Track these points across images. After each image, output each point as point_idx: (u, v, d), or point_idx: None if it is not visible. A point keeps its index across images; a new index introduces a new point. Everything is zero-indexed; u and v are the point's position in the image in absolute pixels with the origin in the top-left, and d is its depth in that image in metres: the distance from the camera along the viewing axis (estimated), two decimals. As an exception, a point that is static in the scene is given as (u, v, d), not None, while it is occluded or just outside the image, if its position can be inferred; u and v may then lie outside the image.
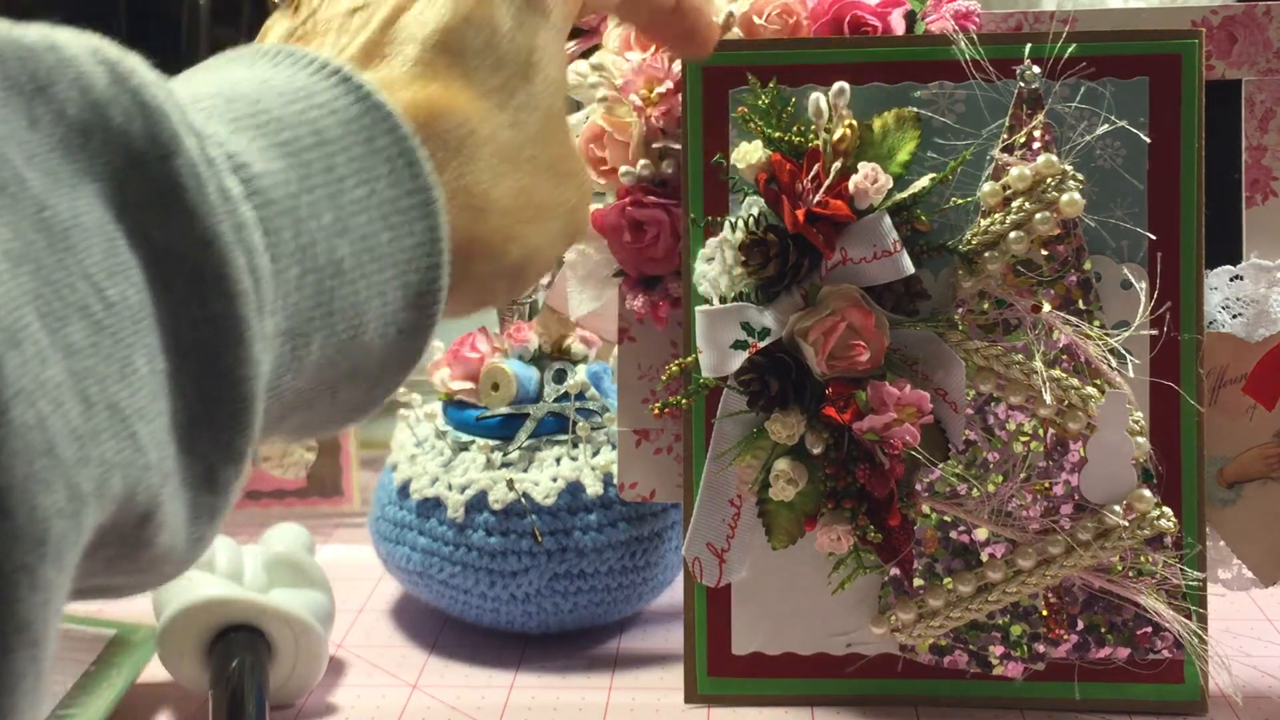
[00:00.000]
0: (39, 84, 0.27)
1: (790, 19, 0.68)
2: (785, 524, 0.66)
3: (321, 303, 0.32)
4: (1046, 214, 0.64)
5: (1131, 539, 0.65)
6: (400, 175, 0.34)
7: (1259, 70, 0.68)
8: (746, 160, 0.64)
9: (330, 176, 0.32)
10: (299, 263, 0.31)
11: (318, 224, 0.31)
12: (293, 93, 0.33)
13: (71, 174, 0.27)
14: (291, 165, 0.31)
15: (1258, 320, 0.68)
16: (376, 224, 0.33)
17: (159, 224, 0.28)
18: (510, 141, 0.38)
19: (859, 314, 0.63)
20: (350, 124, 0.33)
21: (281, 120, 0.32)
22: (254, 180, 0.30)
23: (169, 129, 0.28)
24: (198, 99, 0.31)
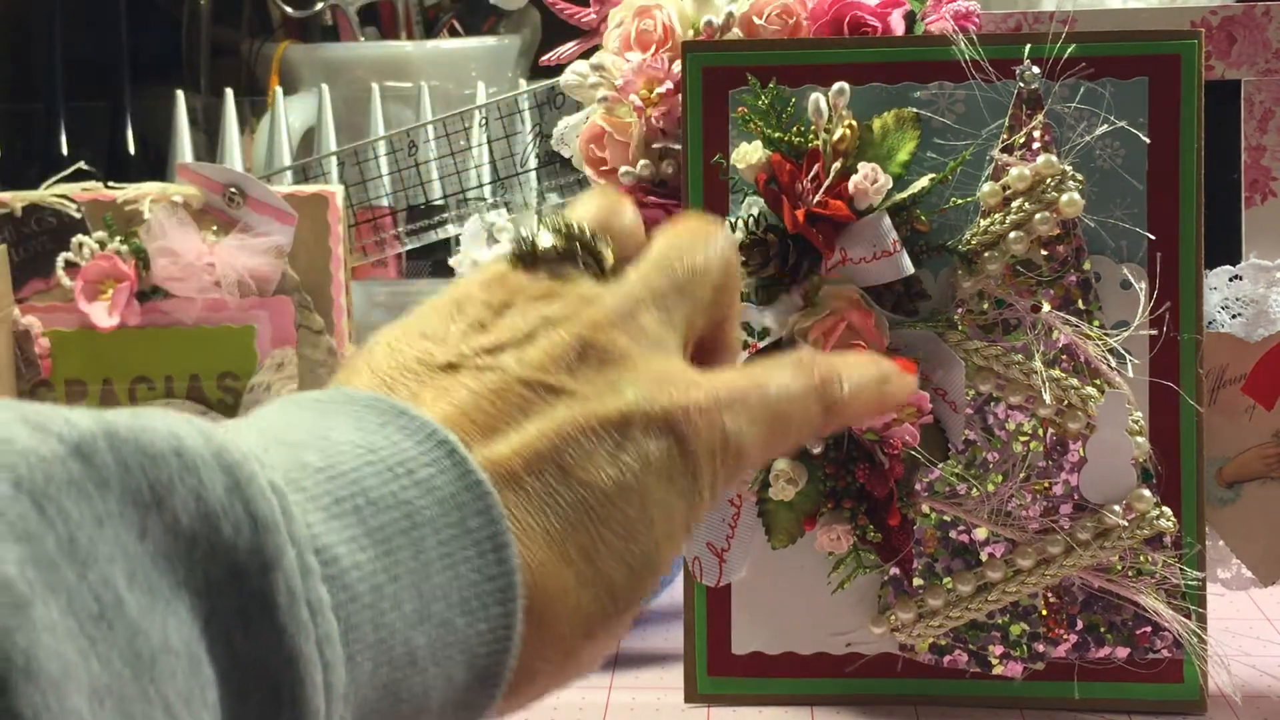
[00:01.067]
0: (158, 495, 0.28)
1: (790, 19, 0.68)
2: (785, 524, 0.66)
3: (391, 692, 0.32)
4: (1046, 214, 0.64)
5: (1131, 539, 0.65)
6: (487, 560, 0.34)
7: (1258, 70, 0.68)
8: (746, 160, 0.64)
9: (417, 563, 0.32)
10: (373, 658, 0.31)
11: (398, 614, 0.32)
12: (394, 467, 0.33)
13: (170, 587, 0.28)
14: (381, 554, 0.32)
15: (1257, 320, 0.68)
16: (455, 609, 0.33)
17: (246, 637, 0.29)
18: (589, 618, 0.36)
19: (859, 314, 0.63)
20: (446, 502, 0.33)
21: (378, 503, 0.32)
22: (342, 577, 0.31)
23: (273, 543, 0.29)
24: (302, 473, 0.32)
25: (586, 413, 0.37)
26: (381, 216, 0.98)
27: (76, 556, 0.26)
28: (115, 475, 0.27)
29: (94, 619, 0.26)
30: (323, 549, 0.30)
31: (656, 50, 0.69)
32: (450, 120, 0.96)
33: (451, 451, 0.34)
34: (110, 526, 0.27)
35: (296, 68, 1.18)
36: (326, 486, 0.32)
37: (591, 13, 0.74)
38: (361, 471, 0.32)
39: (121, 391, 0.85)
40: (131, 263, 0.83)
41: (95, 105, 1.18)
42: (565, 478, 0.36)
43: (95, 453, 0.27)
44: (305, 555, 0.30)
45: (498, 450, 0.36)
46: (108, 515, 0.27)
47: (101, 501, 0.27)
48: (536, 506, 0.36)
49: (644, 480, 0.37)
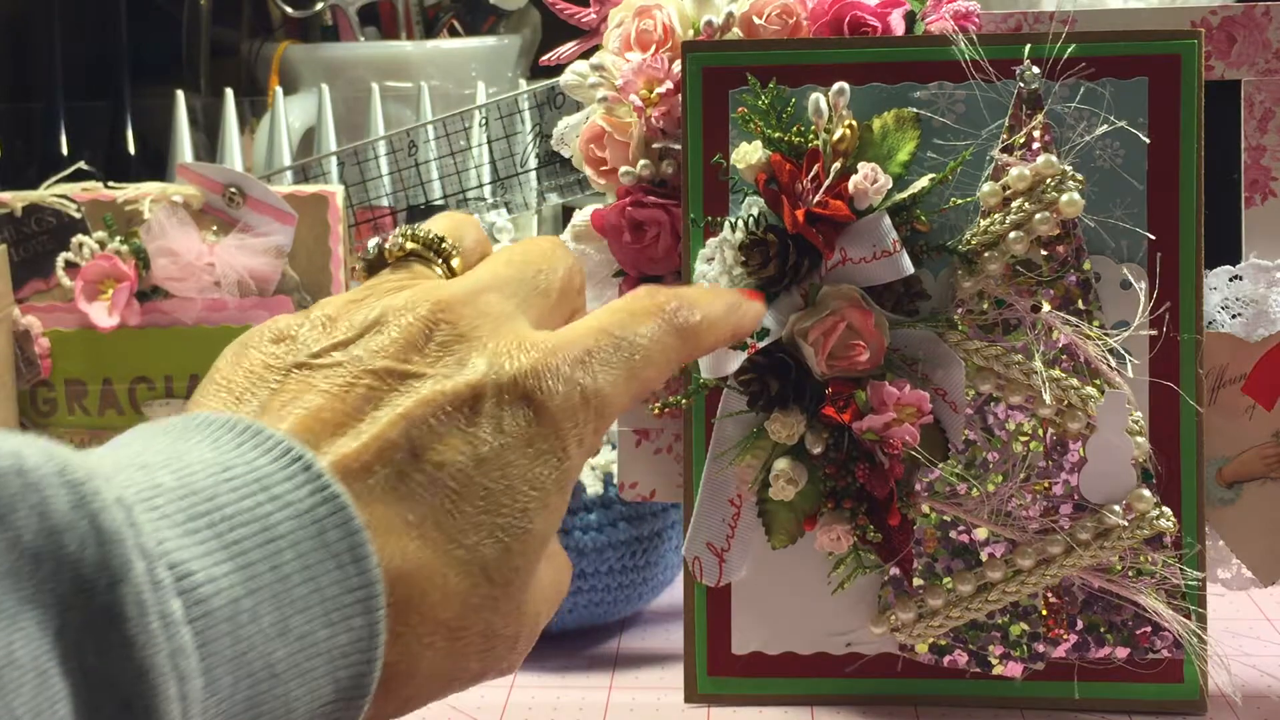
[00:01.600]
0: (1, 513, 0.28)
1: (790, 19, 0.68)
2: (785, 524, 0.66)
3: (252, 706, 0.32)
4: (1046, 214, 0.64)
5: (1131, 539, 0.65)
6: (347, 571, 0.34)
7: (1258, 71, 0.68)
8: (746, 160, 0.64)
9: (275, 575, 0.32)
10: (233, 671, 0.31)
11: (257, 628, 0.32)
12: (250, 484, 0.33)
13: (15, 603, 0.27)
14: (237, 568, 0.31)
15: (1257, 320, 0.68)
16: (316, 621, 0.33)
17: (96, 651, 0.28)
18: (464, 597, 0.37)
19: (859, 314, 0.63)
20: (303, 516, 0.33)
21: (234, 518, 0.32)
22: (197, 591, 0.30)
23: (120, 555, 0.29)
24: (156, 493, 0.31)
25: (435, 393, 0.37)
26: (381, 216, 0.98)
27: None
28: None
29: None
30: (176, 563, 0.30)
31: (656, 50, 0.69)
32: (450, 120, 0.96)
33: (307, 466, 0.34)
34: None
35: (296, 68, 1.18)
36: (180, 504, 0.32)
37: (591, 13, 0.74)
38: (218, 489, 0.32)
39: (121, 392, 0.85)
40: (131, 263, 0.83)
41: (95, 105, 1.18)
42: (418, 461, 0.36)
43: None
44: (156, 568, 0.29)
45: (349, 446, 0.36)
46: None
47: None
48: (393, 495, 0.36)
49: (501, 451, 0.37)
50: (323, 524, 0.33)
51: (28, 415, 0.86)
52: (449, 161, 0.97)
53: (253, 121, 1.14)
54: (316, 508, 0.34)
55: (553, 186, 0.96)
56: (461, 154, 0.97)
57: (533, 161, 0.95)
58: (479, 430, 0.37)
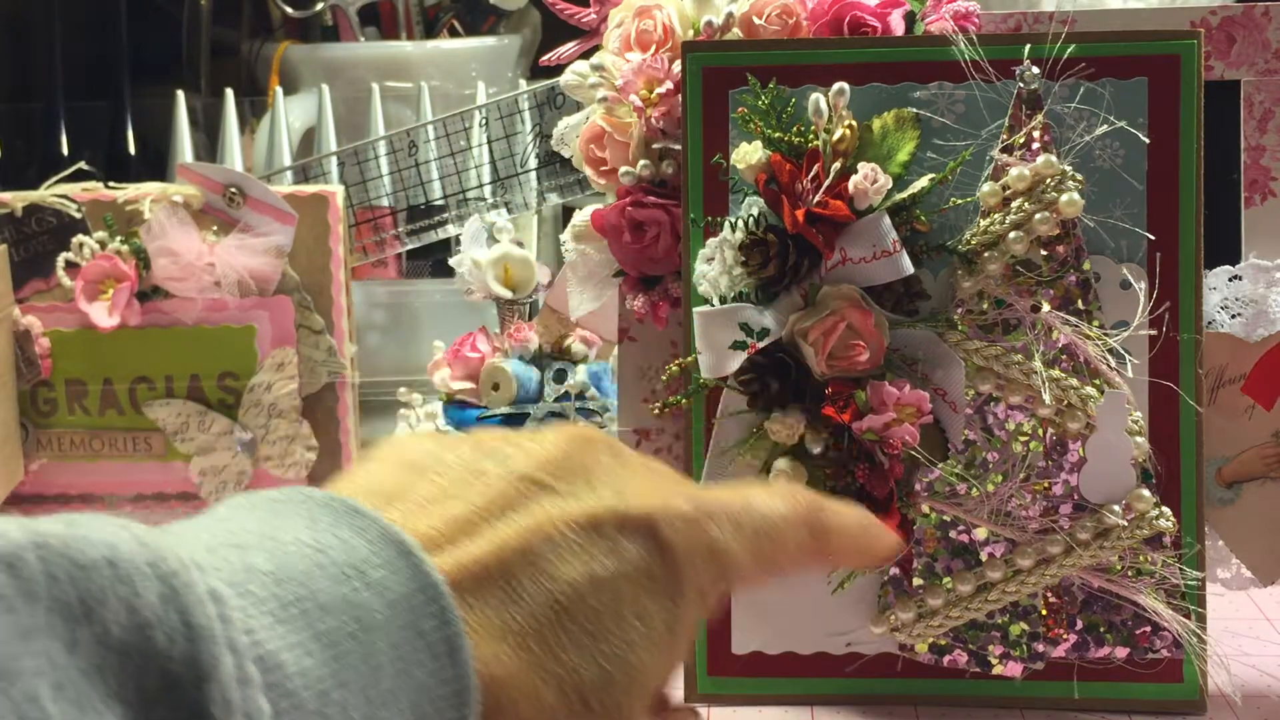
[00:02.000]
0: (88, 606, 0.27)
1: (790, 19, 0.68)
2: (785, 524, 0.66)
3: None
4: (1046, 214, 0.64)
5: (1130, 539, 0.65)
6: (441, 663, 0.33)
7: (1258, 71, 0.68)
8: (746, 160, 0.64)
9: (367, 667, 0.32)
10: None
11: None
12: (345, 568, 0.32)
13: (102, 699, 0.27)
14: (329, 659, 0.31)
15: (1256, 320, 0.68)
16: (406, 715, 0.32)
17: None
18: (554, 714, 0.36)
19: (859, 314, 0.63)
20: (398, 604, 0.33)
21: (327, 606, 0.32)
22: (286, 685, 0.30)
23: (209, 652, 0.28)
24: (249, 578, 0.31)
25: (563, 510, 0.37)
26: (381, 216, 0.98)
27: (1, 671, 0.26)
28: (43, 587, 0.27)
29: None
30: (266, 655, 0.30)
31: (656, 50, 0.69)
32: (450, 120, 0.97)
33: (406, 552, 0.33)
34: (37, 640, 0.26)
35: (296, 68, 1.18)
36: (273, 590, 0.31)
37: (591, 13, 0.74)
38: (311, 574, 0.32)
39: (121, 392, 0.85)
40: (132, 263, 0.83)
41: (95, 105, 1.18)
42: (534, 573, 0.36)
43: (23, 565, 0.27)
44: (244, 664, 0.29)
45: (468, 551, 0.35)
46: (34, 629, 0.26)
47: (28, 615, 0.26)
48: (500, 601, 0.35)
49: (615, 578, 0.37)
50: (418, 613, 0.33)
51: (28, 415, 0.86)
52: (449, 161, 0.97)
53: (253, 122, 1.15)
54: (413, 595, 0.33)
55: (553, 186, 0.96)
56: (461, 154, 0.97)
57: (533, 161, 0.95)
58: (598, 552, 0.37)
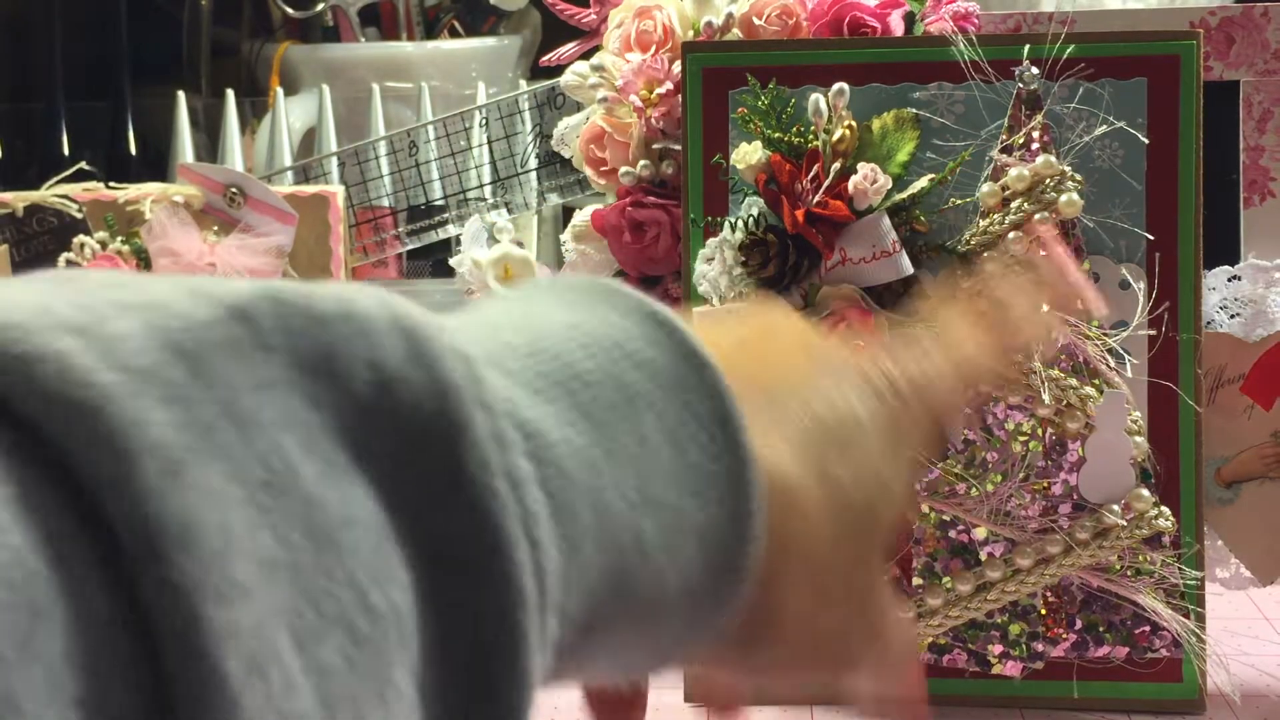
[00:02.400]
0: (328, 361, 0.25)
1: (790, 20, 0.68)
2: (785, 523, 0.66)
3: (621, 584, 0.29)
4: (1045, 214, 0.64)
5: (1130, 538, 0.65)
6: (715, 439, 0.31)
7: (1257, 71, 0.69)
8: (746, 161, 0.64)
9: (637, 443, 0.29)
10: (596, 544, 0.28)
11: (620, 497, 0.29)
12: (608, 344, 0.30)
13: (349, 460, 0.25)
14: (595, 431, 0.29)
15: (1255, 320, 0.68)
16: (684, 493, 0.30)
17: (437, 515, 0.25)
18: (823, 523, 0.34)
19: (859, 314, 0.63)
20: (665, 379, 0.30)
21: (586, 378, 0.29)
22: (549, 452, 0.27)
23: (461, 410, 0.26)
24: (503, 352, 0.29)
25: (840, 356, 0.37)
26: (382, 216, 0.99)
27: (239, 420, 0.23)
28: (281, 339, 0.25)
29: (263, 486, 0.23)
30: (525, 422, 0.27)
31: (656, 51, 0.69)
32: (450, 120, 0.97)
33: (672, 330, 0.31)
34: (278, 392, 0.24)
35: (297, 68, 1.18)
36: (529, 363, 0.29)
37: (591, 13, 0.74)
38: (569, 350, 0.30)
39: (122, 391, 0.85)
40: (132, 263, 0.83)
41: (96, 105, 1.18)
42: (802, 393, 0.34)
43: (258, 316, 0.24)
44: (500, 424, 0.26)
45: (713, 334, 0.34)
46: (274, 381, 0.24)
47: (265, 366, 0.24)
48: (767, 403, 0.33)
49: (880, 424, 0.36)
50: (688, 390, 0.30)
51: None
52: (449, 161, 0.97)
53: (253, 122, 1.15)
54: (681, 371, 0.30)
55: (553, 186, 0.96)
56: (462, 154, 0.97)
57: (533, 162, 0.95)
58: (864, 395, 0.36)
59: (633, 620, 0.30)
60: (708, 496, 0.30)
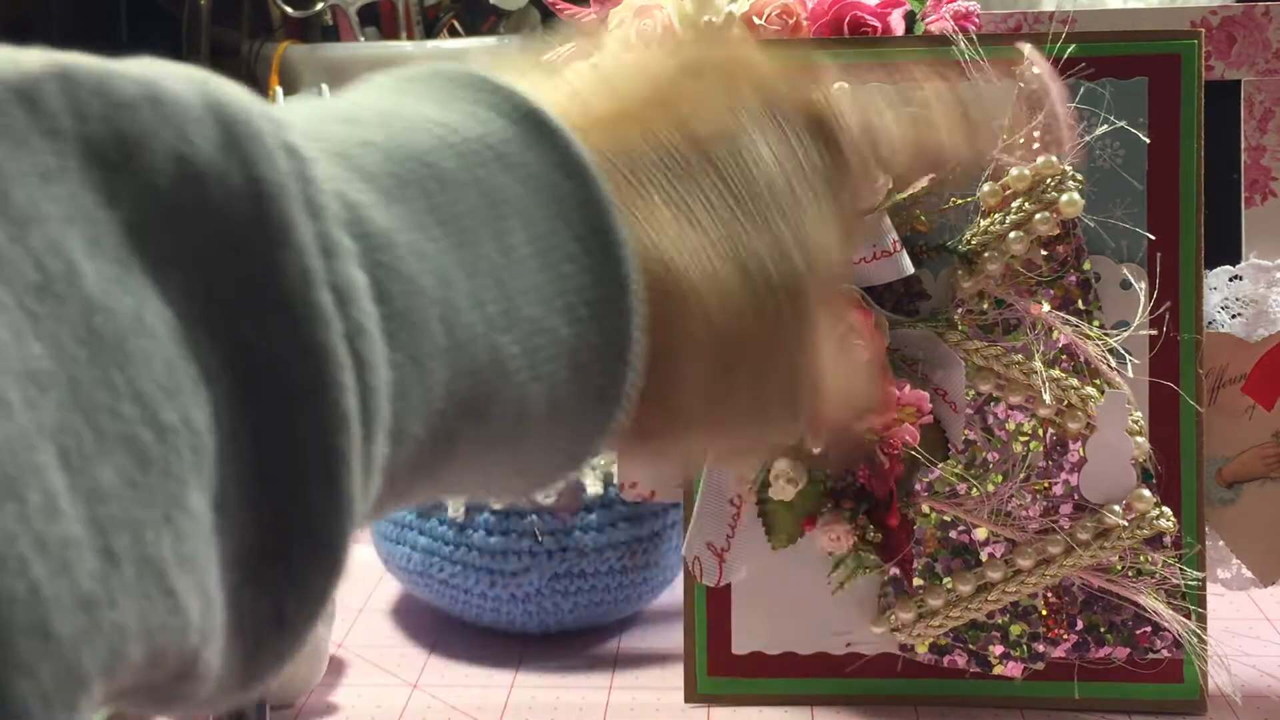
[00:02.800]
0: (127, 151, 0.22)
1: (790, 19, 0.68)
2: (785, 524, 0.66)
3: (476, 408, 0.27)
4: (1046, 214, 0.64)
5: (1131, 539, 0.65)
6: (594, 258, 0.28)
7: (1258, 71, 0.68)
8: (746, 160, 0.64)
9: (503, 256, 0.27)
10: (449, 364, 0.26)
11: (479, 315, 0.27)
12: (473, 141, 0.28)
13: (147, 263, 0.22)
14: (455, 244, 0.26)
15: (1257, 320, 0.68)
16: (556, 316, 0.28)
17: (250, 329, 0.23)
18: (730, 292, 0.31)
19: (859, 314, 0.63)
20: (541, 191, 0.28)
21: (452, 185, 0.27)
22: (395, 261, 0.25)
23: (280, 212, 0.23)
24: (356, 148, 0.26)
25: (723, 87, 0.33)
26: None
27: (9, 215, 0.21)
28: (70, 124, 0.22)
29: (34, 290, 0.21)
30: (372, 232, 0.25)
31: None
32: (450, 120, 0.96)
33: (550, 133, 0.28)
34: (62, 183, 0.22)
35: (297, 68, 1.18)
36: (387, 165, 0.26)
37: (591, 13, 0.74)
38: (437, 151, 0.27)
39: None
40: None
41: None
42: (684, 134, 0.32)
43: (42, 97, 0.22)
44: (330, 231, 0.24)
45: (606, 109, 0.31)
46: (59, 171, 0.22)
47: (51, 154, 0.22)
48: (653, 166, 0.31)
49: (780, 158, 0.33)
50: (563, 201, 0.28)
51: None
52: (449, 161, 0.97)
53: (253, 121, 1.14)
54: (559, 181, 0.28)
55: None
56: (461, 154, 0.97)
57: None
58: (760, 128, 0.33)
59: (494, 441, 0.28)
60: (581, 315, 0.28)
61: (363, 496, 0.25)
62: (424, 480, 0.28)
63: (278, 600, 0.24)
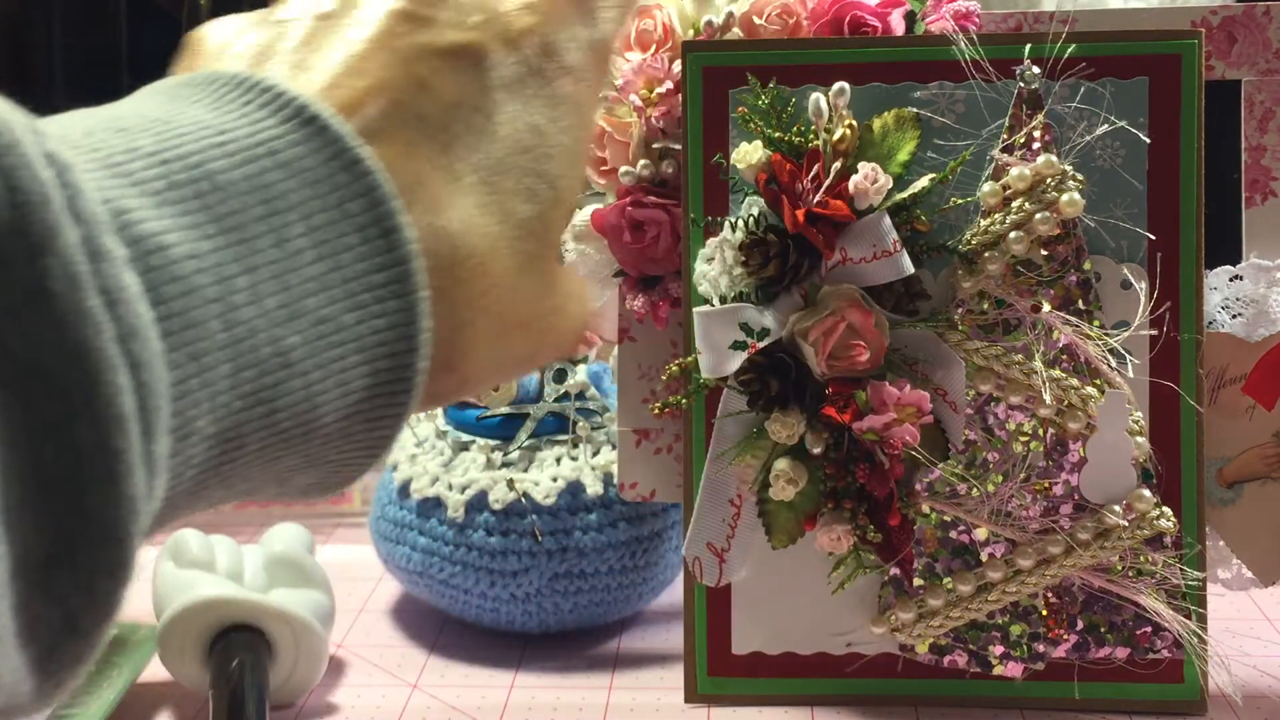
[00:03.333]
0: None
1: (790, 19, 0.68)
2: (785, 524, 0.66)
3: (262, 400, 0.28)
4: (1046, 214, 0.64)
5: (1131, 539, 0.65)
6: (374, 245, 0.29)
7: (1259, 70, 0.68)
8: (746, 160, 0.64)
9: (281, 252, 0.28)
10: (231, 359, 0.27)
11: (258, 310, 0.27)
12: (246, 142, 0.28)
13: None
14: (232, 243, 0.27)
15: (1257, 320, 0.68)
16: (339, 305, 0.29)
17: (20, 335, 0.23)
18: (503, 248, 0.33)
19: (859, 314, 0.63)
20: (318, 185, 0.29)
21: (227, 187, 0.28)
22: (172, 267, 0.26)
23: (42, 220, 0.24)
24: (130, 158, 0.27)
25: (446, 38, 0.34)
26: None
27: None
28: None
29: None
30: (143, 235, 0.26)
31: (656, 50, 0.69)
32: (450, 120, 0.96)
33: (323, 128, 0.29)
34: None
35: (296, 67, 1.18)
36: (159, 170, 0.27)
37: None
38: (208, 154, 0.28)
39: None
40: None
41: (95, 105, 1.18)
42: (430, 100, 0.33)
43: None
44: (98, 236, 0.25)
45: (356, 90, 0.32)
46: None
47: None
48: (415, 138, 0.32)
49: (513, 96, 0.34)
50: (341, 193, 0.29)
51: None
52: (449, 161, 0.97)
53: (252, 121, 1.14)
54: (335, 174, 0.29)
55: (553, 186, 0.96)
56: (461, 154, 0.97)
57: (533, 161, 0.95)
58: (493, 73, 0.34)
59: (286, 435, 0.29)
60: (366, 303, 0.29)
61: (146, 496, 0.25)
62: (217, 477, 0.28)
63: (67, 605, 0.25)
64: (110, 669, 0.70)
